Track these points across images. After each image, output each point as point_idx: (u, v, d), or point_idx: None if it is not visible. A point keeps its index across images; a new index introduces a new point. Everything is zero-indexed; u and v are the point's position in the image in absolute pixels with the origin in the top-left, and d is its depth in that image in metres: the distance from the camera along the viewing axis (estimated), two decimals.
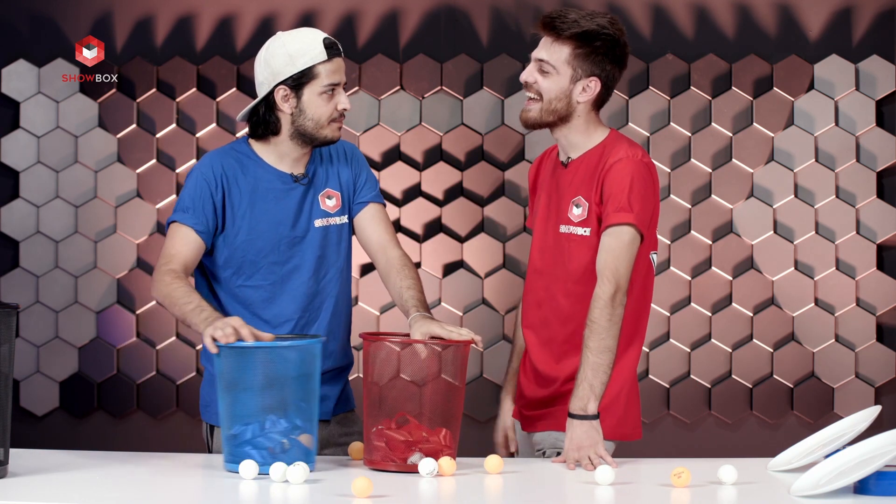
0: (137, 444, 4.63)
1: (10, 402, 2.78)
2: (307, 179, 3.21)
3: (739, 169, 4.64)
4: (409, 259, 3.22)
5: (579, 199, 3.10)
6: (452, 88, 4.68)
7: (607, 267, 3.00)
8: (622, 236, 3.02)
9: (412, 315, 3.04)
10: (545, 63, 3.07)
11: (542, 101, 3.08)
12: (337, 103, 3.13)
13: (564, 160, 3.15)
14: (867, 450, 2.53)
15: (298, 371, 2.84)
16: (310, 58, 3.10)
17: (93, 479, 2.78)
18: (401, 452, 2.83)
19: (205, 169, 3.17)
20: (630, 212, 3.01)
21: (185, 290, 3.01)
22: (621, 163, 3.05)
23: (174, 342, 4.71)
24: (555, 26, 3.05)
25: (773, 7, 4.65)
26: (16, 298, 4.67)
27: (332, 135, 3.16)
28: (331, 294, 3.22)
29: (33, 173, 4.74)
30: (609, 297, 2.98)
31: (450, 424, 2.90)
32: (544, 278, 3.16)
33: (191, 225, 3.12)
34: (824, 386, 4.63)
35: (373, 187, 3.27)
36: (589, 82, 3.08)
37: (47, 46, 4.74)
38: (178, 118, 4.73)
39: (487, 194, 4.67)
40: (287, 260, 3.18)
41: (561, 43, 3.06)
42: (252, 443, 2.82)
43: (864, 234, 4.62)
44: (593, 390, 2.98)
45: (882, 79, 4.62)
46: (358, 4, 4.70)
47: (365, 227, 3.25)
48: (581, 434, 2.97)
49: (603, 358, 2.98)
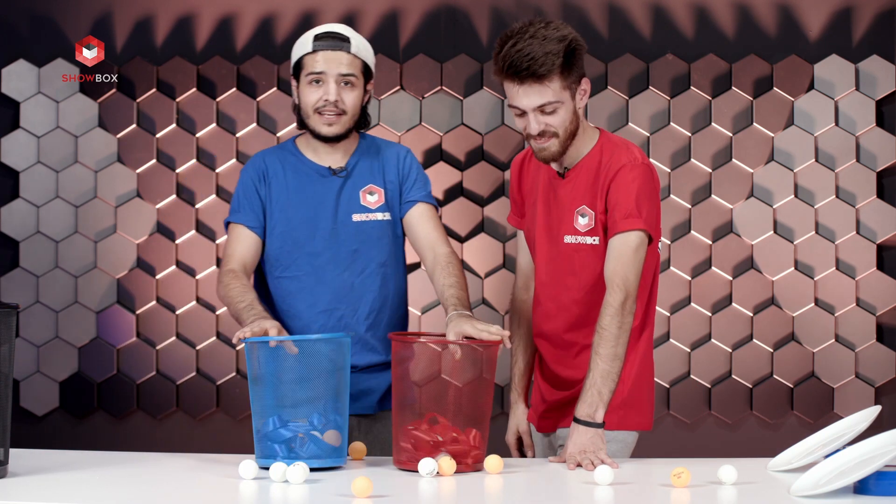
0: (137, 444, 4.63)
1: (10, 402, 2.78)
2: (345, 172, 3.27)
3: (739, 169, 4.64)
4: (456, 256, 3.25)
5: (583, 208, 3.09)
6: (452, 88, 4.69)
7: (617, 274, 3.00)
8: (630, 242, 3.01)
9: (449, 314, 3.06)
10: (548, 105, 2.98)
11: (558, 136, 3.02)
12: (322, 94, 3.18)
13: (561, 171, 3.13)
14: (867, 450, 2.53)
15: (318, 367, 2.84)
16: (300, 50, 3.23)
17: (93, 479, 2.78)
18: (427, 453, 2.84)
19: (249, 167, 3.31)
20: (639, 217, 3.01)
21: (239, 290, 3.12)
22: (625, 169, 3.03)
23: (174, 342, 4.72)
24: (535, 71, 2.94)
25: (773, 7, 4.65)
26: (16, 298, 4.67)
27: (318, 127, 3.22)
28: (370, 289, 3.26)
29: (33, 173, 4.74)
30: (619, 305, 2.98)
31: (479, 425, 2.90)
32: (553, 289, 3.16)
33: (243, 223, 3.26)
34: (824, 386, 4.63)
35: (422, 188, 3.31)
36: (583, 86, 3.05)
37: (47, 46, 4.74)
38: (178, 118, 4.73)
39: (487, 194, 4.67)
40: (322, 251, 3.24)
41: (548, 80, 2.96)
42: (270, 436, 2.84)
43: (864, 234, 4.62)
44: (602, 397, 2.97)
45: (882, 79, 4.62)
46: (358, 4, 4.70)
47: (413, 226, 3.29)
48: (585, 440, 2.97)
49: (613, 365, 2.98)
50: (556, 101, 2.98)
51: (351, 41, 3.20)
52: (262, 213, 3.26)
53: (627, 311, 2.98)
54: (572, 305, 3.13)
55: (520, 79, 2.95)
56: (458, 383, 2.90)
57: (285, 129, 4.71)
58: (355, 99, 3.22)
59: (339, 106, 3.19)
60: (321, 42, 3.19)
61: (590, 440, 2.96)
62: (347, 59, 3.19)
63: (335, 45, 3.19)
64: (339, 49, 3.19)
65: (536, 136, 3.02)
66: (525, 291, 3.32)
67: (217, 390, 4.72)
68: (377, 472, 2.86)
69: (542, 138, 3.02)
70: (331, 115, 3.20)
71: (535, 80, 2.95)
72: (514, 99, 2.99)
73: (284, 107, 4.71)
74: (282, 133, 4.71)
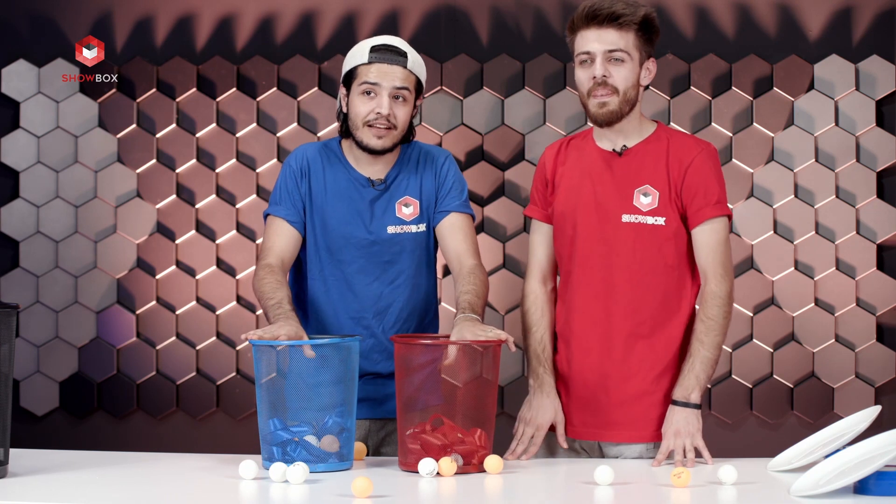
0: (137, 444, 4.63)
1: (10, 402, 2.78)
2: (383, 185, 3.23)
3: (739, 169, 4.64)
4: (482, 269, 3.21)
5: (647, 187, 3.09)
6: (452, 88, 4.68)
7: (720, 264, 3.07)
8: (722, 231, 3.09)
9: (457, 316, 3.04)
10: (618, 52, 3.04)
11: (618, 93, 3.06)
12: (374, 106, 3.14)
13: (618, 149, 3.12)
14: (867, 450, 2.53)
15: (326, 370, 2.84)
16: (355, 59, 3.18)
17: (93, 479, 2.78)
18: (436, 455, 2.83)
19: (292, 160, 3.27)
20: (724, 203, 3.09)
21: (272, 286, 3.09)
22: (704, 154, 3.10)
23: (174, 342, 4.71)
24: (618, 15, 3.03)
25: (773, 7, 4.65)
26: (16, 298, 4.67)
27: (366, 139, 3.17)
28: (399, 298, 3.24)
29: (33, 173, 4.74)
30: (727, 295, 3.06)
31: (484, 425, 2.91)
32: (600, 271, 3.11)
33: (283, 216, 3.22)
34: (824, 386, 4.63)
35: (457, 196, 3.27)
36: (649, 64, 3.11)
37: (47, 46, 4.74)
38: (178, 118, 4.73)
39: (487, 194, 4.67)
40: (353, 260, 3.21)
41: (626, 30, 3.05)
42: (267, 438, 2.84)
43: (864, 234, 4.62)
44: (699, 382, 3.04)
45: (882, 79, 4.62)
46: (358, 4, 4.70)
47: (444, 237, 3.26)
48: (680, 419, 3.02)
49: (714, 353, 3.06)
50: (626, 51, 3.04)
51: (408, 56, 3.18)
52: (302, 209, 3.22)
53: (731, 300, 3.07)
54: (626, 287, 3.09)
55: (598, 22, 3.03)
56: (463, 384, 2.90)
57: (285, 129, 4.71)
58: (406, 113, 3.18)
59: (391, 120, 3.15)
60: (378, 54, 3.15)
61: (685, 420, 3.02)
62: (403, 73, 3.16)
63: (392, 59, 3.16)
64: (396, 63, 3.16)
65: (599, 85, 3.05)
66: (542, 284, 3.24)
67: (217, 390, 4.72)
68: (377, 473, 2.86)
69: (604, 88, 3.05)
70: (381, 129, 3.15)
71: (614, 26, 3.04)
72: (587, 43, 3.05)
73: (284, 107, 4.70)
74: (282, 133, 4.71)
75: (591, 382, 3.14)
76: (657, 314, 3.10)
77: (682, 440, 3.00)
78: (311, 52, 4.72)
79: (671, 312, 3.11)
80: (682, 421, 3.02)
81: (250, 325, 4.69)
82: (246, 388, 4.70)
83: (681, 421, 3.02)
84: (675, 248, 3.10)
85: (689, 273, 3.13)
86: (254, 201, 4.71)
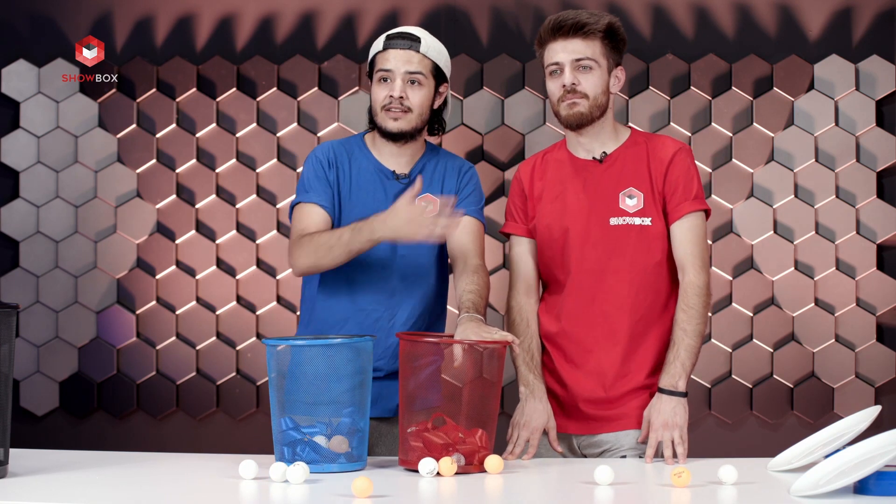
0: (137, 444, 4.63)
1: (10, 402, 2.78)
2: (408, 179, 3.25)
3: (739, 169, 4.64)
4: (485, 270, 3.24)
5: (631, 189, 3.17)
6: (452, 88, 4.68)
7: (697, 256, 3.13)
8: (701, 225, 3.16)
9: (461, 316, 3.06)
10: (586, 60, 3.13)
11: (588, 98, 3.14)
12: (388, 90, 3.18)
13: (598, 156, 3.19)
14: (867, 450, 2.53)
15: (338, 370, 2.84)
16: (374, 50, 3.25)
17: (93, 479, 2.78)
18: (437, 454, 2.84)
19: (318, 152, 3.29)
20: (701, 199, 3.16)
21: (329, 232, 3.12)
22: (682, 153, 3.19)
23: (174, 342, 4.72)
24: (582, 24, 3.11)
25: (773, 7, 4.65)
26: (16, 298, 4.68)
27: (384, 122, 3.21)
28: (412, 296, 3.26)
29: (33, 173, 4.74)
30: (704, 285, 3.12)
31: (486, 425, 2.91)
32: (595, 275, 3.17)
33: (315, 202, 3.22)
34: (824, 386, 4.63)
35: (474, 203, 3.30)
36: (618, 72, 3.19)
37: (47, 46, 4.74)
38: (178, 118, 4.73)
39: (488, 194, 4.67)
40: (370, 252, 3.19)
41: (591, 39, 3.13)
42: (278, 438, 2.84)
43: (864, 234, 4.62)
44: (685, 369, 3.10)
45: (882, 79, 4.62)
46: (358, 4, 4.70)
47: (452, 235, 3.26)
48: (668, 409, 3.06)
49: (697, 341, 3.12)
50: (593, 59, 3.12)
51: (421, 41, 3.21)
52: (332, 196, 3.23)
53: (709, 290, 3.14)
54: (621, 289, 3.15)
55: (564, 33, 3.12)
56: (466, 384, 2.90)
57: (285, 129, 4.71)
58: (422, 98, 3.21)
59: (405, 103, 3.18)
60: (392, 41, 3.21)
61: (673, 409, 3.06)
62: (416, 57, 3.20)
63: (404, 44, 3.19)
64: (408, 48, 3.19)
65: (569, 93, 3.13)
66: (527, 297, 3.29)
67: (217, 390, 4.72)
68: (377, 472, 2.86)
69: (573, 94, 3.13)
70: (396, 111, 3.18)
71: (580, 36, 3.12)
72: (555, 55, 3.14)
73: (284, 107, 4.71)
74: (282, 133, 4.71)
75: (591, 382, 3.18)
76: (652, 311, 3.17)
77: (670, 432, 3.05)
78: (311, 53, 4.72)
79: (664, 308, 3.18)
80: (669, 412, 3.06)
81: (250, 325, 4.69)
82: (246, 388, 4.70)
83: (669, 412, 3.06)
84: (663, 245, 3.17)
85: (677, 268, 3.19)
86: (254, 201, 4.71)
